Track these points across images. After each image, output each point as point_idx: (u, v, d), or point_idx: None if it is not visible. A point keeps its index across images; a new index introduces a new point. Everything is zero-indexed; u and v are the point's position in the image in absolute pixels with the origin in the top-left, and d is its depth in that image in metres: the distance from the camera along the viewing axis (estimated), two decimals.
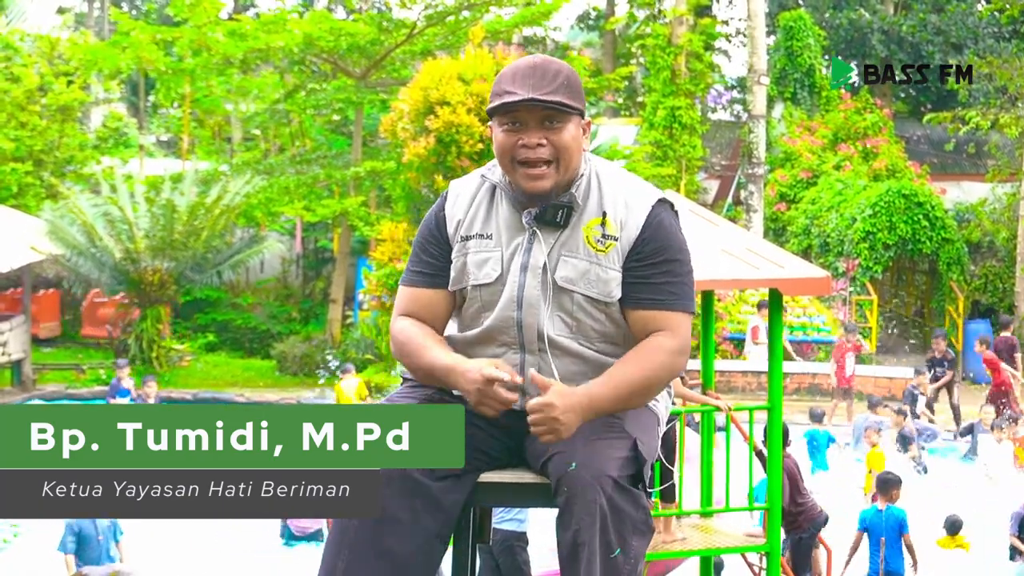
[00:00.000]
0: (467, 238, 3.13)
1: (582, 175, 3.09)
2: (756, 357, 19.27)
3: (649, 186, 3.16)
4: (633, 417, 3.04)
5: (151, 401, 17.66)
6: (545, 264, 3.04)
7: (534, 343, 3.06)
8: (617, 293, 3.04)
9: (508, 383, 2.95)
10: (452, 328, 3.24)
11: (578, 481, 2.83)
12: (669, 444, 6.96)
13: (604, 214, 3.05)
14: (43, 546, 11.51)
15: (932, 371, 17.25)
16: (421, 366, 3.10)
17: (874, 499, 9.82)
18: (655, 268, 3.03)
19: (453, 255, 3.14)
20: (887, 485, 9.61)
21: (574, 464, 2.85)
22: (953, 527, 10.89)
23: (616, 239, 3.04)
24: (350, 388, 16.82)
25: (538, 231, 3.06)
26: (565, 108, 2.99)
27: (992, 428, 14.28)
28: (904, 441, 14.44)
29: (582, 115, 3.07)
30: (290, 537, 11.89)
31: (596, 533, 2.81)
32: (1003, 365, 17.14)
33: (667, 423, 3.30)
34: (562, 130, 3.01)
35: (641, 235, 3.04)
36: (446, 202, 3.20)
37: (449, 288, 3.15)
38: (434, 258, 3.17)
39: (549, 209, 3.04)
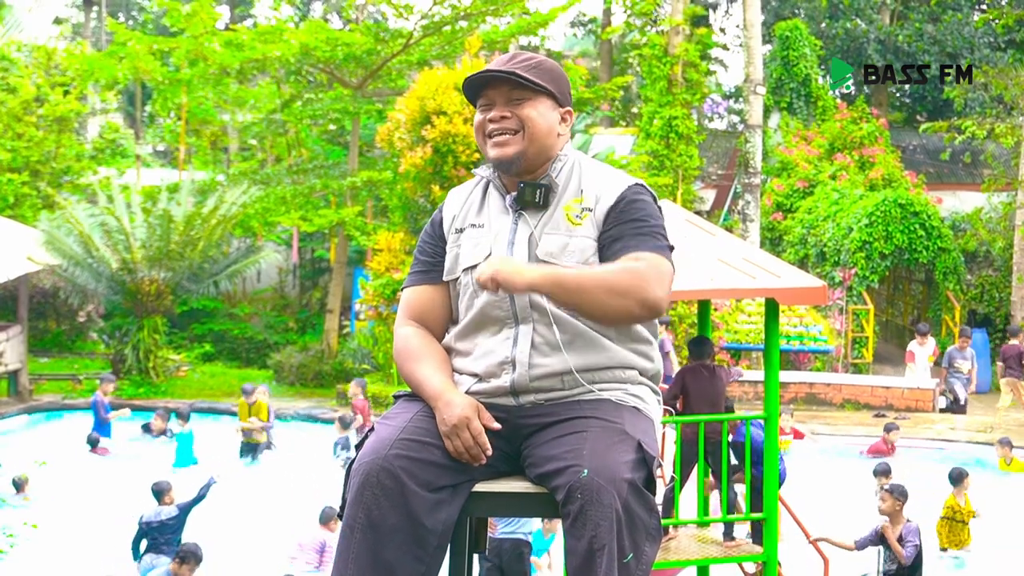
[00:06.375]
0: (461, 230, 3.24)
1: (562, 160, 3.21)
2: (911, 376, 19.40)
3: (628, 175, 3.25)
4: (631, 421, 3.04)
5: (106, 400, 17.49)
6: (530, 241, 3.13)
7: (527, 311, 3.10)
8: (595, 260, 3.10)
9: (487, 428, 3.02)
10: (449, 333, 3.27)
11: (593, 486, 2.82)
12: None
13: (582, 191, 3.16)
14: (39, 557, 11.50)
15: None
16: (412, 379, 3.17)
17: None
18: (627, 226, 3.08)
19: (448, 247, 3.25)
20: None
21: (586, 471, 2.84)
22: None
23: (591, 210, 3.13)
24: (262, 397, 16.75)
25: (523, 213, 3.17)
26: (524, 81, 3.11)
27: None
28: None
29: (557, 101, 3.19)
30: None
31: (613, 538, 2.81)
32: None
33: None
34: (526, 104, 3.14)
35: (615, 205, 3.12)
36: (444, 204, 3.34)
37: (445, 278, 3.25)
38: (429, 255, 3.30)
39: (527, 189, 3.15)
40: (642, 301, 2.94)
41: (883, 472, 12.32)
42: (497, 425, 3.03)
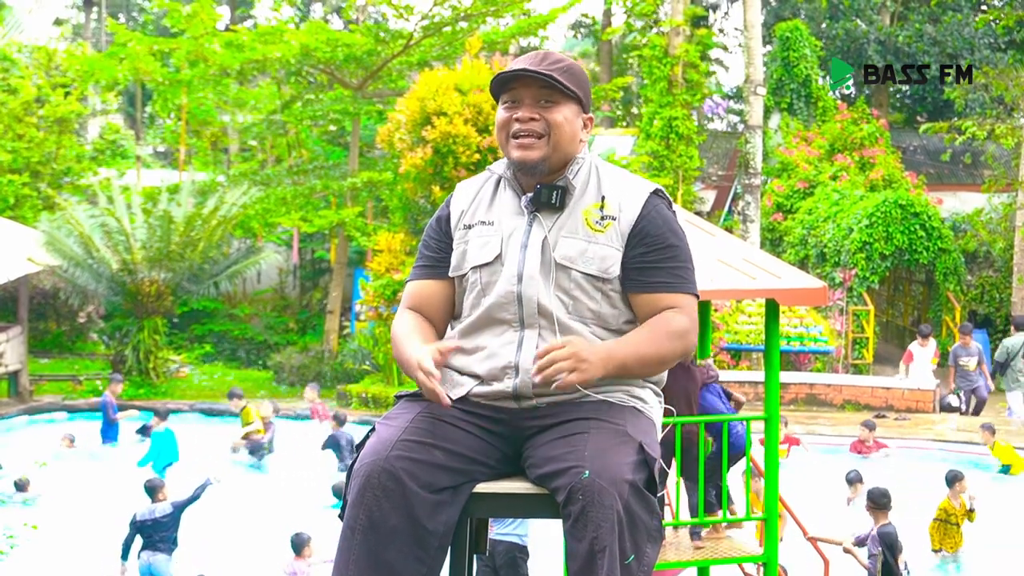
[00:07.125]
0: (470, 226, 3.23)
1: (579, 163, 3.20)
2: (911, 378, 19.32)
3: (645, 180, 3.25)
4: (633, 422, 3.05)
5: (114, 401, 17.45)
6: (544, 244, 3.11)
7: (534, 316, 3.10)
8: (615, 271, 3.11)
9: (446, 354, 3.05)
10: (452, 330, 3.27)
11: (594, 488, 2.83)
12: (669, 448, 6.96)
13: (603, 197, 3.15)
14: (39, 558, 11.49)
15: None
16: (399, 359, 3.17)
17: None
18: (661, 253, 3.12)
19: (455, 243, 3.23)
20: None
21: (587, 472, 2.84)
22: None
23: (615, 219, 3.13)
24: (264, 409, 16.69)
25: (538, 214, 3.15)
26: (557, 84, 3.11)
27: None
28: None
29: (582, 106, 3.19)
30: None
31: (615, 539, 2.81)
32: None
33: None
34: (555, 109, 3.13)
35: (640, 218, 3.13)
36: (452, 198, 3.32)
37: (451, 273, 3.23)
38: (434, 251, 3.28)
39: (544, 191, 3.14)
40: (684, 355, 3.16)
41: (856, 480, 12.35)
42: (448, 402, 3.02)
